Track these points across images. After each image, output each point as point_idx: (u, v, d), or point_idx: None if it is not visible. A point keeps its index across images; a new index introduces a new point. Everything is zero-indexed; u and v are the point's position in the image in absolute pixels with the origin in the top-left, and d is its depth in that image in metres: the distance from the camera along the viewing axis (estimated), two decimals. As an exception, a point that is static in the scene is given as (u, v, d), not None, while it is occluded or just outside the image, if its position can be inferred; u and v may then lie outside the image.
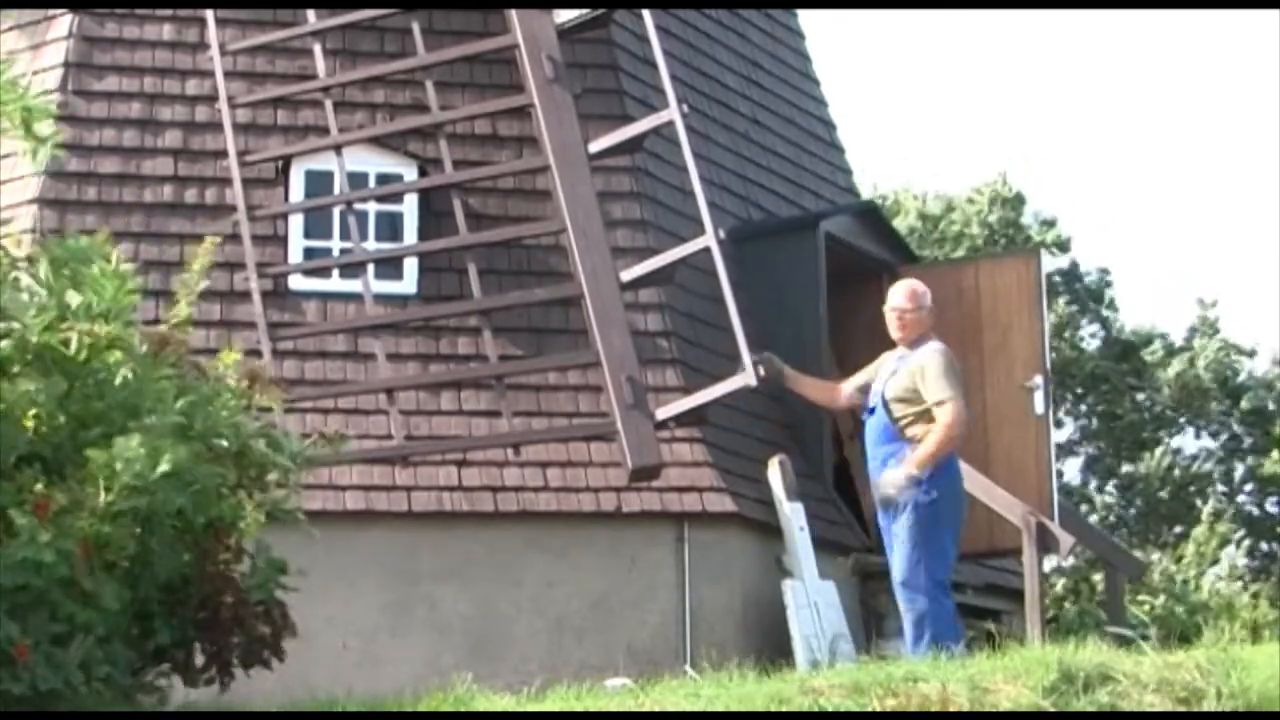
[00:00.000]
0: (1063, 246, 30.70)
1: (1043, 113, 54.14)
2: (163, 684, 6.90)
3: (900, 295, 10.12)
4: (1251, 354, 30.66)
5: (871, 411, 10.04)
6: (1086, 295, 30.50)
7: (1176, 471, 29.36)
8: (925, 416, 9.73)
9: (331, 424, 11.45)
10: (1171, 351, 29.76)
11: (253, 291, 11.60)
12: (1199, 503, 28.82)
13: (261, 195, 12.43)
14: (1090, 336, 30.23)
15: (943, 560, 9.71)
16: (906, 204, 30.33)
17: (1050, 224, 30.88)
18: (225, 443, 6.60)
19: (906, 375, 9.96)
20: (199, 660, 6.95)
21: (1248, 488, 30.13)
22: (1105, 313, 30.60)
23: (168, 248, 12.19)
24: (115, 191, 12.43)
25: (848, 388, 10.45)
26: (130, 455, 6.10)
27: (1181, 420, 30.21)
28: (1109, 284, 31.01)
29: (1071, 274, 30.78)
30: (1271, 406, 29.62)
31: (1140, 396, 29.70)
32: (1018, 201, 30.75)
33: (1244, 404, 29.60)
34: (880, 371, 10.17)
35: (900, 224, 27.87)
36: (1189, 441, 30.41)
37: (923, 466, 9.64)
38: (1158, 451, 29.38)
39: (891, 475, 9.73)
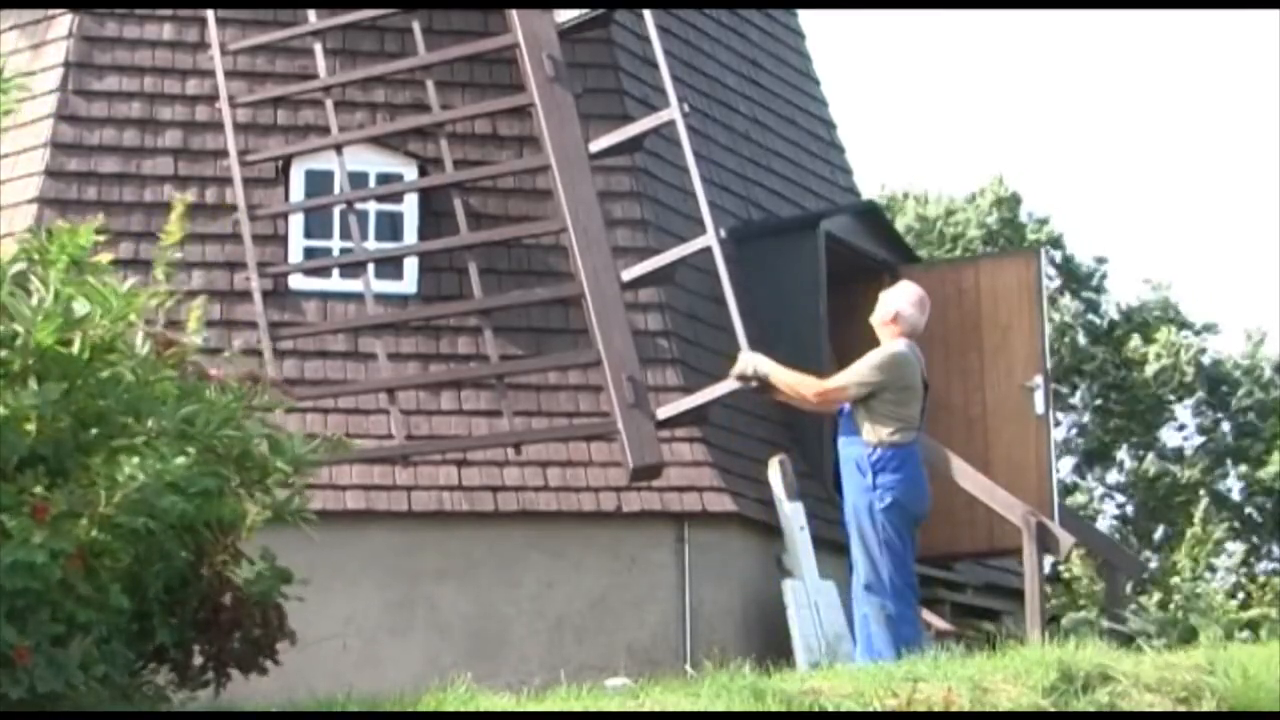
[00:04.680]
0: (1055, 243, 30.74)
1: (1037, 111, 54.09)
2: (161, 684, 6.89)
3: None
4: (1214, 330, 30.38)
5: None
6: (1078, 280, 30.39)
7: (1158, 467, 29.17)
8: (864, 406, 9.55)
9: (331, 424, 11.48)
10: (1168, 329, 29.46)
11: (253, 291, 11.61)
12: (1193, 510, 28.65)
13: (261, 195, 12.43)
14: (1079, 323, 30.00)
15: (903, 563, 9.53)
16: (906, 205, 30.34)
17: (1044, 221, 30.92)
18: (228, 444, 6.58)
19: None
20: (197, 661, 6.94)
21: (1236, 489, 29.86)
22: (1096, 297, 30.47)
23: (167, 248, 12.18)
24: (115, 191, 12.43)
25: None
26: (131, 472, 6.08)
27: (1179, 420, 30.06)
28: (1104, 275, 30.90)
29: (1068, 263, 30.72)
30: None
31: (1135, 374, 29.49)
32: (1014, 201, 30.80)
33: (1233, 401, 29.29)
34: None
35: (899, 224, 27.86)
36: (1173, 437, 30.23)
37: (759, 382, 10.19)
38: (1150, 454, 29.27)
39: (746, 358, 10.36)
